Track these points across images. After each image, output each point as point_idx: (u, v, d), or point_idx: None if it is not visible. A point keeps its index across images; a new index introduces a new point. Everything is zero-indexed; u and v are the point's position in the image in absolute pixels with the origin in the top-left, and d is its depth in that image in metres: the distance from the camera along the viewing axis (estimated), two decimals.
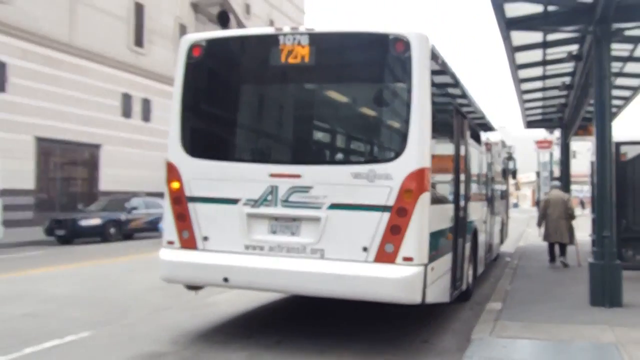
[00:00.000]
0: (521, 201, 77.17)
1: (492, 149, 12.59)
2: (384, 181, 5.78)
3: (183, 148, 6.54)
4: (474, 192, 9.54)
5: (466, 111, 8.90)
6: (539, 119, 20.63)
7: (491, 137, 12.50)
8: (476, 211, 9.70)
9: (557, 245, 12.58)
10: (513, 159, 16.76)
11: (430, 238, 5.97)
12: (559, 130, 21.99)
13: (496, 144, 13.65)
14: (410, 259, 5.69)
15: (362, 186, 5.85)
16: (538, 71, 13.48)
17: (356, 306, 7.11)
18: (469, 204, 8.72)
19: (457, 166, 7.92)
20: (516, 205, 64.73)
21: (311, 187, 6.01)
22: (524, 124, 21.09)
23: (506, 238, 16.70)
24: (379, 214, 5.77)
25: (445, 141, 7.39)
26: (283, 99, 6.92)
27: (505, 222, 16.10)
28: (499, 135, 14.83)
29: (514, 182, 26.76)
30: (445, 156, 7.33)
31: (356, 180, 5.88)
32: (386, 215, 5.75)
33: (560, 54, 11.61)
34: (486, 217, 11.24)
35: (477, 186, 10.16)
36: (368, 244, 5.79)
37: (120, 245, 18.54)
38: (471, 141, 9.41)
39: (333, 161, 6.54)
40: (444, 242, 6.86)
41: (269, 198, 6.14)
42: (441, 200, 6.84)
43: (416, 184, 5.73)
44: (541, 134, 32.41)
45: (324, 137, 6.94)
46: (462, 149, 8.32)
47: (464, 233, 8.27)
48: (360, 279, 5.77)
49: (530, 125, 21.45)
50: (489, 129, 11.79)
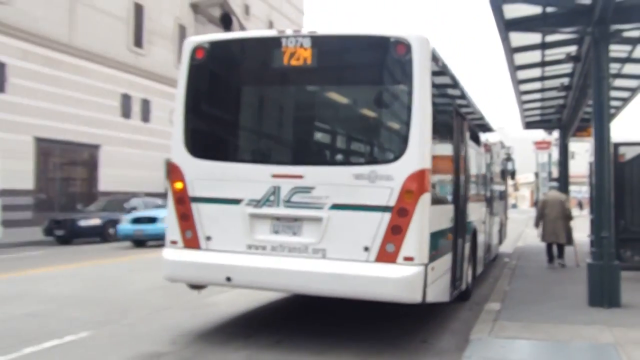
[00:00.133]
0: (520, 202, 77.25)
1: (491, 150, 12.63)
2: (385, 182, 5.83)
3: (186, 149, 6.58)
4: (473, 193, 9.59)
5: (466, 112, 8.95)
6: (537, 119, 20.64)
7: (490, 138, 12.55)
8: (475, 212, 9.75)
9: (555, 246, 12.63)
10: (512, 160, 16.78)
11: (430, 238, 6.01)
12: (557, 131, 22.00)
13: (495, 145, 13.70)
14: (411, 258, 5.74)
15: (363, 187, 5.89)
16: (537, 72, 13.51)
17: (356, 306, 7.15)
18: (468, 204, 8.77)
19: (456, 167, 7.97)
20: (515, 206, 64.83)
21: (313, 188, 6.05)
22: (522, 124, 21.11)
23: (505, 238, 16.74)
24: (380, 214, 5.81)
25: (445, 142, 7.43)
26: (285, 101, 6.97)
27: (504, 223, 16.13)
28: (498, 136, 14.89)
29: (513, 182, 26.77)
30: (445, 157, 7.38)
31: (358, 181, 5.92)
32: (387, 216, 5.79)
33: (558, 55, 11.64)
34: (485, 217, 11.28)
35: (476, 187, 10.21)
36: (369, 244, 5.83)
37: (120, 245, 18.55)
38: (470, 142, 9.46)
39: (335, 162, 6.59)
40: (444, 242, 6.91)
41: (272, 198, 6.19)
42: (441, 201, 6.88)
43: (417, 184, 5.78)
44: (540, 134, 32.36)
45: (326, 138, 6.99)
46: (461, 150, 8.37)
47: (463, 233, 8.33)
48: (362, 279, 5.82)
49: (528, 126, 21.47)
50: (488, 130, 11.83)
